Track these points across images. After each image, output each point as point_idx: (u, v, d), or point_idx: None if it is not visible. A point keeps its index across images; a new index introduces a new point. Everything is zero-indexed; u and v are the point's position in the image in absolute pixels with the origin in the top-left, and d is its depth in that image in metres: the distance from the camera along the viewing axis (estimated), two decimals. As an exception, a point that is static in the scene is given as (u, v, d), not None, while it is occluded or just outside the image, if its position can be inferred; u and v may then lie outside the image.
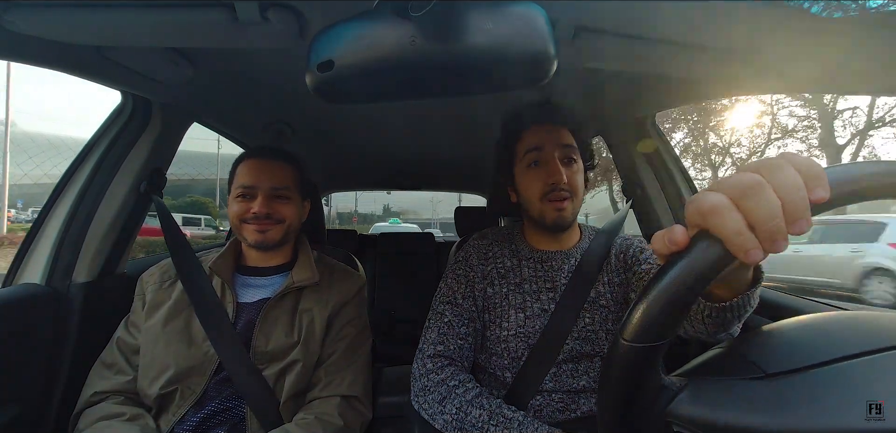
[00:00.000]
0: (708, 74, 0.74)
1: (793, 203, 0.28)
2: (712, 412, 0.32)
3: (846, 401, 0.30)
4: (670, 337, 0.31)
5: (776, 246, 0.28)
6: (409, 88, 0.50)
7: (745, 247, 0.28)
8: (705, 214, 0.29)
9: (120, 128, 0.95)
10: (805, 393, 0.31)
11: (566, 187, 0.77)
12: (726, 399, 0.32)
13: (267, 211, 0.84)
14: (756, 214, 0.28)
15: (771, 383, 0.32)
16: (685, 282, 0.29)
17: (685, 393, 0.33)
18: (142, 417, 0.75)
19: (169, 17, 0.57)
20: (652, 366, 0.33)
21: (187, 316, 0.81)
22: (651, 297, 0.31)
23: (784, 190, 0.28)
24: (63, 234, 0.89)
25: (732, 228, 0.28)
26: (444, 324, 0.79)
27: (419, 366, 0.76)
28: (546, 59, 0.41)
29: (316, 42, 0.42)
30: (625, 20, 0.59)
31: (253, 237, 0.84)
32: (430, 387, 0.72)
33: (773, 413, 0.31)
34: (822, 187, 0.28)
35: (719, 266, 0.29)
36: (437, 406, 0.70)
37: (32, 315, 0.82)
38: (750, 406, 0.31)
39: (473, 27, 0.40)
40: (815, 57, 0.62)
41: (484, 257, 0.85)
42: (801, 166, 0.29)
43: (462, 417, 0.67)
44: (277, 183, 0.86)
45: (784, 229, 0.28)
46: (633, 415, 0.34)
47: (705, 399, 0.33)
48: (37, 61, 0.68)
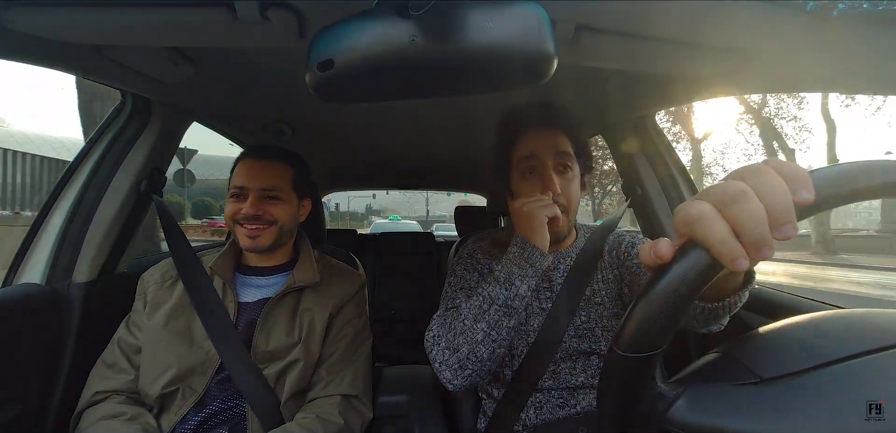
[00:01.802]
0: (708, 74, 0.74)
1: (776, 208, 0.28)
2: (709, 419, 0.32)
3: (843, 404, 0.30)
4: (664, 346, 0.31)
5: (762, 253, 0.28)
6: (409, 88, 0.50)
7: (731, 255, 0.28)
8: (691, 224, 0.29)
9: (120, 127, 0.95)
10: (800, 397, 0.31)
11: (559, 200, 0.75)
12: (722, 406, 0.32)
13: (256, 212, 0.83)
14: (741, 222, 0.28)
15: (766, 388, 0.32)
16: (676, 291, 0.29)
17: (682, 400, 0.33)
18: (143, 417, 0.75)
19: (169, 17, 0.57)
20: (647, 376, 0.33)
21: (188, 316, 0.81)
22: (642, 308, 0.31)
23: (767, 195, 0.28)
24: (63, 234, 0.89)
25: (718, 237, 0.28)
26: (454, 307, 0.78)
27: (428, 330, 0.76)
28: (546, 58, 0.41)
29: (316, 41, 0.42)
30: (625, 20, 0.58)
31: (244, 242, 0.84)
32: (440, 334, 0.73)
33: (768, 419, 0.31)
34: (807, 189, 0.28)
35: (708, 275, 0.29)
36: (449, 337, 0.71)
37: (32, 315, 0.81)
38: (746, 412, 0.31)
39: (473, 26, 0.40)
40: (816, 57, 0.62)
41: (488, 255, 0.86)
42: (784, 170, 0.29)
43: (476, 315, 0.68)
44: (268, 184, 0.85)
45: (769, 237, 0.27)
46: (633, 423, 0.34)
47: (701, 406, 0.33)
48: (37, 61, 0.68)
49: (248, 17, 0.55)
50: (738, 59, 0.65)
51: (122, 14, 0.57)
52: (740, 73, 0.70)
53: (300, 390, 0.82)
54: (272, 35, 0.60)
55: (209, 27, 0.59)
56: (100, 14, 0.56)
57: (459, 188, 2.81)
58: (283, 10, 0.55)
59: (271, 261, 0.91)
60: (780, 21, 0.54)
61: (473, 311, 0.69)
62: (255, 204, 0.83)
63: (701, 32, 0.61)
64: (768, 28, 0.57)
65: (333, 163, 1.88)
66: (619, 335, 0.32)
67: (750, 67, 0.67)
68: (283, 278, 0.89)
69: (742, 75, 0.71)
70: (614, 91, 0.99)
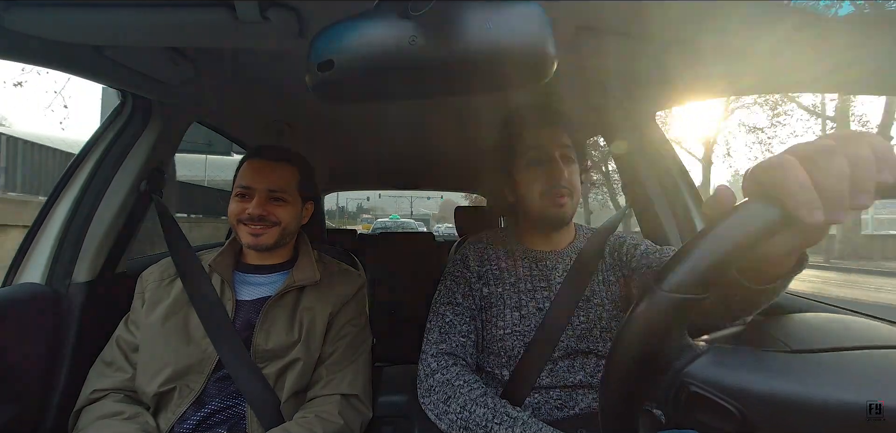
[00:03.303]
0: (708, 74, 0.74)
1: (860, 176, 0.28)
2: (736, 376, 0.31)
3: (883, 378, 0.29)
4: (706, 295, 0.31)
5: (836, 212, 0.28)
6: (409, 88, 0.50)
7: (810, 204, 0.28)
8: (771, 170, 0.30)
9: (120, 127, 0.95)
10: (835, 368, 0.30)
11: (566, 184, 0.78)
12: (751, 365, 0.32)
13: (261, 212, 0.83)
14: (824, 175, 0.28)
15: (798, 357, 0.32)
16: (734, 237, 0.29)
17: (707, 356, 0.32)
18: (141, 416, 0.75)
19: (169, 17, 0.57)
20: (681, 321, 0.32)
21: (186, 313, 0.81)
22: (697, 249, 0.30)
23: (855, 161, 0.28)
24: (63, 234, 0.89)
25: (798, 183, 0.28)
26: (445, 324, 0.80)
27: (424, 366, 0.76)
28: (546, 58, 0.41)
29: (316, 42, 0.42)
30: (625, 20, 0.59)
31: (247, 239, 0.84)
32: (435, 387, 0.72)
33: (801, 382, 0.30)
34: (891, 171, 0.28)
35: (771, 228, 0.29)
36: (442, 405, 0.70)
37: (32, 315, 0.81)
38: (776, 374, 0.31)
39: (473, 26, 0.40)
40: (815, 57, 0.62)
41: (480, 259, 0.86)
42: (875, 145, 0.29)
43: (466, 416, 0.67)
44: (274, 185, 0.86)
45: (847, 198, 0.28)
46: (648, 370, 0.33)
47: (728, 363, 0.32)
48: (37, 61, 0.68)
49: (248, 17, 0.55)
50: (738, 59, 0.65)
51: (122, 14, 0.57)
52: (739, 73, 0.70)
53: (300, 389, 0.82)
54: (272, 35, 0.60)
55: (209, 27, 0.59)
56: (100, 14, 0.56)
57: (459, 188, 2.81)
58: (283, 10, 0.55)
59: (271, 259, 0.91)
60: (779, 21, 0.54)
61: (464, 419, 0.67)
62: (260, 204, 0.84)
63: (700, 33, 0.61)
64: (768, 28, 0.57)
65: (333, 163, 1.88)
66: (662, 274, 0.31)
67: (749, 67, 0.68)
68: (282, 277, 0.89)
69: (741, 75, 0.72)
70: (614, 91, 0.99)
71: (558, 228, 0.85)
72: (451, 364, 0.75)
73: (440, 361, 0.75)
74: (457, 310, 0.81)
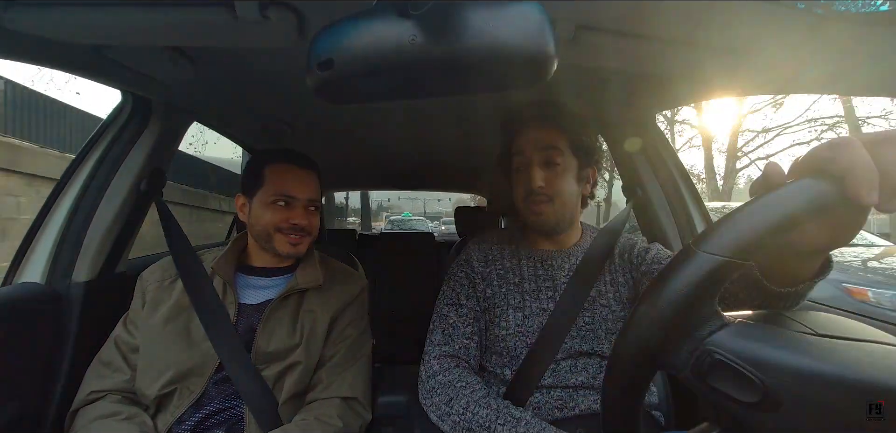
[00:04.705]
0: (708, 74, 0.74)
1: None
2: (761, 349, 0.32)
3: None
4: (746, 261, 0.31)
5: (892, 199, 0.29)
6: (409, 88, 0.49)
7: (870, 184, 0.29)
8: (834, 148, 0.30)
9: (120, 127, 0.95)
10: (858, 351, 0.30)
11: (541, 192, 0.77)
12: (776, 340, 0.32)
13: (305, 222, 0.84)
14: (886, 161, 0.29)
15: (822, 340, 0.32)
16: (783, 206, 0.30)
17: (734, 327, 0.33)
18: (139, 417, 0.75)
19: (169, 17, 0.57)
20: (718, 286, 0.32)
21: (187, 316, 0.81)
22: (745, 213, 0.31)
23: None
24: (63, 233, 0.89)
25: (860, 162, 0.29)
26: (448, 325, 0.79)
27: (426, 368, 0.76)
28: (546, 57, 0.41)
29: (316, 41, 0.42)
30: (625, 19, 0.58)
31: (285, 249, 0.84)
32: (436, 389, 0.72)
33: (824, 359, 0.30)
34: None
35: (822, 203, 0.30)
36: (444, 407, 0.70)
37: (32, 315, 0.81)
38: (800, 351, 0.31)
39: (474, 26, 0.40)
40: (815, 57, 0.62)
41: (484, 259, 0.86)
42: None
43: (469, 417, 0.67)
44: (313, 195, 0.87)
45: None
46: (673, 332, 0.33)
47: (756, 336, 0.33)
48: (37, 61, 0.68)
49: (248, 17, 0.55)
50: (738, 59, 0.65)
51: (122, 14, 0.57)
52: (740, 73, 0.70)
53: (299, 392, 0.82)
54: (272, 35, 0.60)
55: (209, 27, 0.59)
56: (100, 14, 0.56)
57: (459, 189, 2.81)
58: (283, 9, 0.55)
59: (277, 262, 0.90)
60: (779, 21, 0.54)
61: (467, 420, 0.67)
62: (305, 214, 0.84)
63: (701, 32, 0.60)
64: (768, 28, 0.57)
65: (333, 163, 1.88)
66: (703, 236, 0.32)
67: (750, 67, 0.67)
68: (285, 279, 0.89)
69: (742, 75, 0.71)
70: (614, 91, 0.98)
71: (549, 233, 0.84)
72: (454, 366, 0.75)
73: (442, 363, 0.75)
74: (460, 311, 0.80)
